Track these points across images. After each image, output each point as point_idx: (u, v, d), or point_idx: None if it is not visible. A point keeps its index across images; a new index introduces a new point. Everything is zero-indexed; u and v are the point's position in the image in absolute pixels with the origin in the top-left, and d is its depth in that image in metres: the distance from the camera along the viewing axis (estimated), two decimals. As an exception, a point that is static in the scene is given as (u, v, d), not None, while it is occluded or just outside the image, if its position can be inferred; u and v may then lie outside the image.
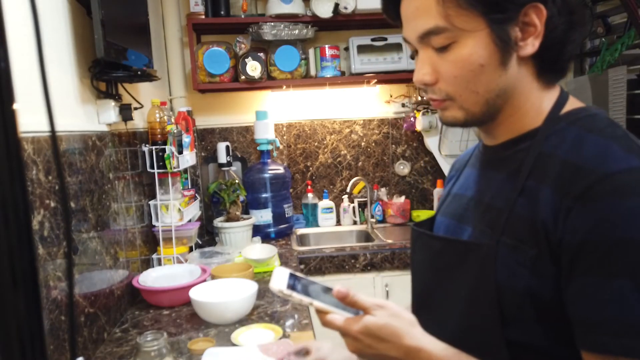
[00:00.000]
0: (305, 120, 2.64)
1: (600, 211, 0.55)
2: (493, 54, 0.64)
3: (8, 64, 0.34)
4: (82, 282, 1.25)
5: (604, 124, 0.64)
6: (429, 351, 0.63)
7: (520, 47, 0.64)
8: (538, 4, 0.62)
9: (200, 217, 2.31)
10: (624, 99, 2.00)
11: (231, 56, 2.29)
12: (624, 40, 2.02)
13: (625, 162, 0.57)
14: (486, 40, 0.63)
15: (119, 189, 1.55)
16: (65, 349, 1.08)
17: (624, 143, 0.60)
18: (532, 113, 0.68)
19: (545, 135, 0.65)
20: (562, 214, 0.58)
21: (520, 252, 0.62)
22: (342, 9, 2.28)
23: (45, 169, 1.05)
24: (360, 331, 0.64)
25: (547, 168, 0.63)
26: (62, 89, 1.25)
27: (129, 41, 1.48)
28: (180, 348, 1.28)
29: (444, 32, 0.64)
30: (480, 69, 0.64)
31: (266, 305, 1.56)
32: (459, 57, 0.65)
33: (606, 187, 0.56)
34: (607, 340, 0.54)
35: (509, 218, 0.65)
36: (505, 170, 0.69)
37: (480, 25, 0.63)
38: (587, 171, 0.58)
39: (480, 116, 0.69)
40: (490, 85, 0.65)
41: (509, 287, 0.63)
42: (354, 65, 2.36)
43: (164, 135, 1.78)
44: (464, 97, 0.67)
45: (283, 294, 0.66)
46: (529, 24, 0.63)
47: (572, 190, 0.58)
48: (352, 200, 2.64)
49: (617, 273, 0.54)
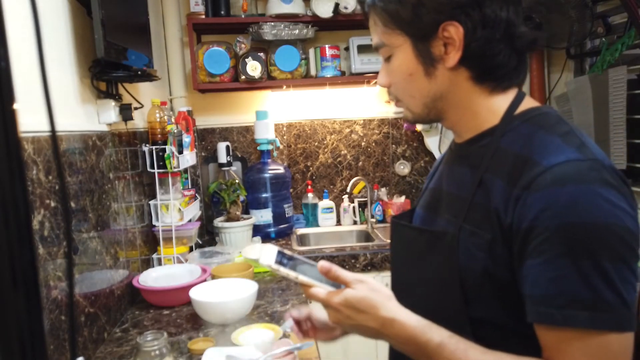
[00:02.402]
0: (306, 120, 2.64)
1: (543, 199, 0.62)
2: (417, 65, 0.74)
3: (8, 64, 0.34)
4: (82, 282, 1.25)
5: (553, 121, 0.71)
6: (402, 322, 0.68)
7: (444, 59, 0.72)
8: (453, 22, 0.69)
9: (200, 217, 2.31)
10: (624, 99, 2.00)
11: (231, 56, 2.29)
12: (624, 40, 2.02)
13: (565, 155, 0.64)
14: (410, 54, 0.74)
15: (119, 189, 1.55)
16: (65, 349, 1.08)
17: (568, 138, 0.67)
18: (483, 114, 0.76)
19: (502, 133, 0.73)
20: (512, 202, 0.65)
21: (477, 237, 0.70)
22: (342, 8, 2.28)
23: (45, 169, 1.05)
24: (340, 303, 0.69)
25: (502, 162, 0.70)
26: (62, 88, 1.25)
27: (129, 41, 1.48)
28: (180, 348, 1.28)
29: (383, 46, 0.78)
30: (410, 77, 0.76)
31: (266, 305, 1.56)
32: (394, 67, 0.77)
33: (548, 177, 0.63)
34: (553, 312, 0.61)
35: (469, 207, 0.72)
36: (469, 165, 0.77)
37: (403, 41, 0.74)
38: (533, 164, 0.65)
39: (424, 116, 0.79)
40: (422, 91, 0.76)
41: (469, 269, 0.70)
42: (354, 65, 2.36)
43: (164, 135, 1.78)
44: (406, 100, 0.79)
45: (271, 268, 0.72)
46: (449, 38, 0.71)
47: (520, 181, 0.65)
48: (352, 200, 2.64)
49: (559, 254, 0.61)
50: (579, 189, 0.61)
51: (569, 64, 2.47)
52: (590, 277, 0.59)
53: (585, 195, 0.61)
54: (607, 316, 0.59)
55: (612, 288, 0.59)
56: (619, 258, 0.60)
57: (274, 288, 1.74)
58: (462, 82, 0.74)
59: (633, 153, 2.03)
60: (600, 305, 0.59)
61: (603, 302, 0.59)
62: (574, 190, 0.61)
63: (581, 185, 0.61)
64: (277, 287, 1.74)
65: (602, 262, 0.59)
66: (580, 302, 0.60)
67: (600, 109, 2.13)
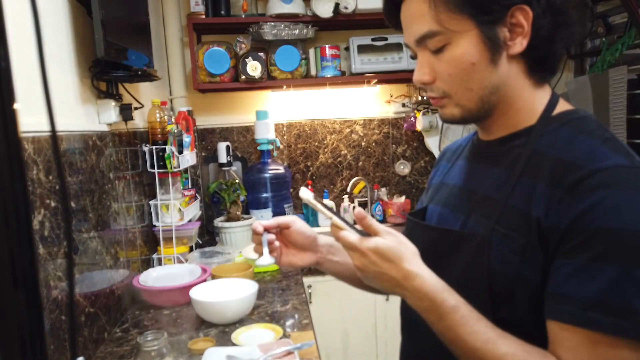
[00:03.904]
0: (306, 120, 2.64)
1: (586, 202, 0.61)
2: (483, 52, 0.69)
3: (8, 64, 0.34)
4: (83, 281, 1.25)
5: (593, 126, 0.70)
6: (423, 277, 0.68)
7: (509, 46, 0.69)
8: (524, 5, 0.67)
9: (200, 217, 2.31)
10: (624, 98, 2.00)
11: (231, 56, 2.29)
12: (624, 40, 2.02)
13: (612, 160, 0.63)
14: (476, 41, 0.69)
15: (119, 189, 1.55)
16: (65, 349, 1.08)
17: (612, 144, 0.66)
18: (525, 110, 0.74)
19: (539, 134, 0.71)
20: (554, 204, 0.64)
21: (511, 240, 0.68)
22: (342, 8, 2.28)
23: (45, 169, 1.05)
24: (369, 248, 0.69)
25: (541, 165, 0.68)
26: (62, 88, 1.25)
27: (129, 41, 1.49)
28: (180, 348, 1.28)
29: (437, 35, 0.70)
30: (472, 67, 0.70)
31: (266, 305, 1.56)
32: (452, 57, 0.71)
33: (593, 181, 0.62)
34: (576, 312, 0.61)
35: (503, 209, 0.70)
36: (500, 165, 0.75)
37: (470, 26, 0.69)
38: (577, 167, 0.64)
39: (476, 112, 0.74)
40: (483, 83, 0.71)
41: (500, 272, 0.69)
42: (355, 65, 2.36)
43: (165, 135, 1.78)
44: (460, 94, 0.73)
45: (310, 202, 0.76)
46: (517, 25, 0.68)
47: (563, 184, 0.64)
48: (352, 200, 2.64)
49: (593, 257, 0.60)
50: (624, 195, 0.60)
51: (569, 63, 2.47)
52: (622, 283, 0.59)
53: (630, 201, 0.60)
54: (631, 325, 0.58)
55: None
56: None
57: (274, 288, 1.74)
58: (517, 73, 0.72)
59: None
60: (627, 313, 0.58)
61: (630, 310, 0.58)
62: (619, 196, 0.60)
63: (627, 192, 0.60)
64: (277, 287, 1.74)
65: (636, 271, 0.59)
66: (607, 307, 0.59)
67: (600, 109, 2.13)
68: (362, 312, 2.13)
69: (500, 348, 0.64)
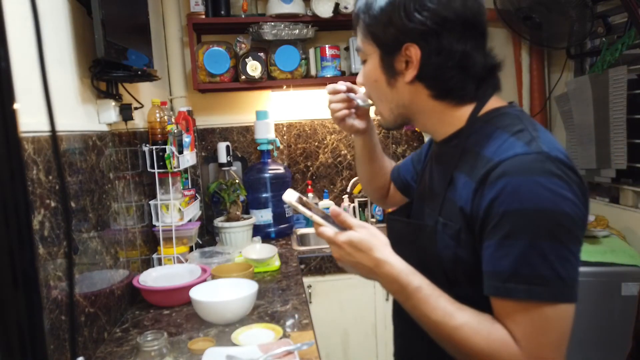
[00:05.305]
0: (306, 120, 2.64)
1: (493, 190, 0.71)
2: (381, 74, 0.87)
3: (8, 64, 0.34)
4: (83, 281, 1.25)
5: (509, 120, 0.79)
6: (391, 264, 0.78)
7: (404, 74, 0.83)
8: (414, 44, 0.80)
9: (200, 217, 2.31)
10: (624, 98, 2.00)
11: (231, 56, 2.29)
12: (624, 40, 2.02)
13: (513, 150, 0.72)
14: (377, 64, 0.86)
15: (119, 189, 1.55)
16: (65, 349, 1.08)
17: (520, 135, 0.75)
18: (448, 120, 0.85)
19: (468, 135, 0.82)
20: (473, 195, 0.75)
21: (449, 228, 0.80)
22: (342, 8, 2.28)
23: (45, 169, 1.05)
24: (344, 241, 0.80)
25: (468, 161, 0.80)
26: (62, 88, 1.25)
27: (129, 41, 1.49)
28: (180, 348, 1.28)
29: (360, 51, 0.91)
30: (375, 83, 0.89)
31: (266, 305, 1.56)
32: (365, 71, 0.91)
33: (499, 170, 0.72)
34: (499, 285, 0.71)
35: (443, 202, 0.83)
36: (443, 163, 0.88)
37: (375, 52, 0.86)
38: (489, 160, 0.74)
39: (392, 121, 0.91)
40: (387, 97, 0.88)
41: (445, 255, 0.81)
42: (355, 65, 2.36)
43: (164, 135, 1.78)
44: (377, 102, 0.92)
45: (292, 205, 0.85)
46: (410, 58, 0.81)
47: (479, 176, 0.74)
48: (352, 200, 2.64)
49: (504, 235, 0.70)
50: (521, 180, 0.69)
51: (569, 64, 2.47)
52: (529, 255, 0.68)
53: (527, 184, 0.69)
54: (542, 289, 0.68)
55: (548, 265, 0.67)
56: (556, 239, 0.68)
57: (274, 288, 1.74)
58: (423, 96, 0.84)
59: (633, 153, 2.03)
60: (536, 279, 0.68)
61: (539, 276, 0.68)
62: (517, 181, 0.70)
63: (523, 176, 0.70)
64: (277, 287, 1.74)
65: (539, 243, 0.68)
66: (519, 277, 0.69)
67: (600, 109, 2.13)
68: (362, 312, 2.13)
69: (457, 319, 0.73)
